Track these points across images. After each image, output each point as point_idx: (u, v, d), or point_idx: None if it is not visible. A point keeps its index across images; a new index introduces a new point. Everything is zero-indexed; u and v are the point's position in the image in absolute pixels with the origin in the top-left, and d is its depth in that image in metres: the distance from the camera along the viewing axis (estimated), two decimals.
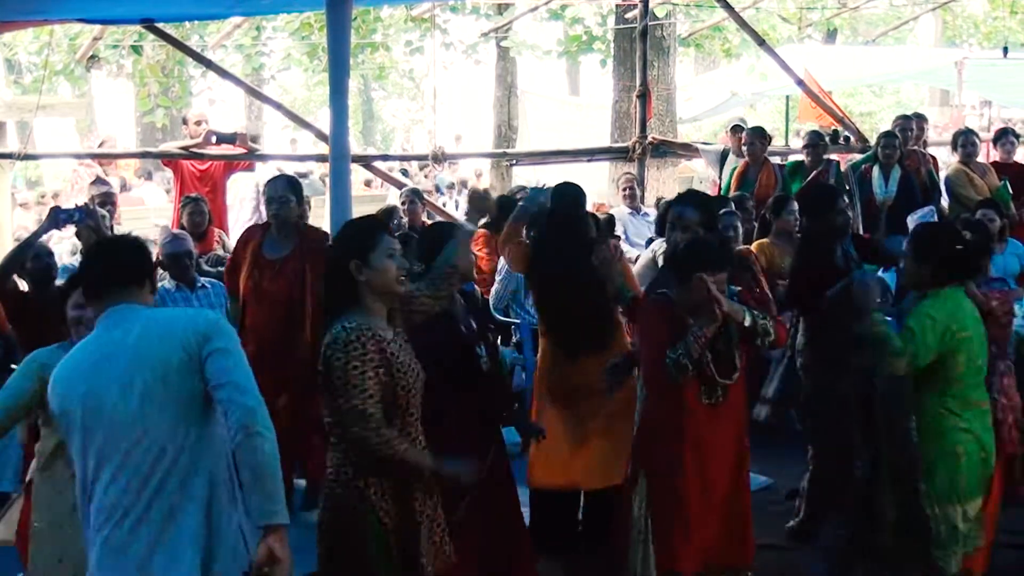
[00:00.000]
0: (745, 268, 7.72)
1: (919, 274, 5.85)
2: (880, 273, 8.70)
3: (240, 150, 13.12)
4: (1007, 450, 6.31)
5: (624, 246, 12.01)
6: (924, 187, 11.68)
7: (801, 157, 12.26)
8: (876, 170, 11.56)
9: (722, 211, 9.08)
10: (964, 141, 12.01)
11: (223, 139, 13.02)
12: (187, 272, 8.91)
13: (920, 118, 12.93)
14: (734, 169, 12.02)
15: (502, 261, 9.05)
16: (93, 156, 23.07)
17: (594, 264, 6.65)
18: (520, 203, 7.06)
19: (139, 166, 22.57)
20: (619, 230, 12.09)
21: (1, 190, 11.88)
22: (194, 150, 12.73)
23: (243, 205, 13.73)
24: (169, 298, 8.79)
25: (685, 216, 6.39)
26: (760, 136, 12.08)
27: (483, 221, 10.31)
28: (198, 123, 12.96)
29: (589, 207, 8.49)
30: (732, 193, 11.41)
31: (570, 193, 7.14)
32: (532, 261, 6.96)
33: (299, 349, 7.49)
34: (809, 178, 11.49)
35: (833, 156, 12.50)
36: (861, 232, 10.36)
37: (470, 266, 5.60)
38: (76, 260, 9.63)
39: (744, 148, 12.01)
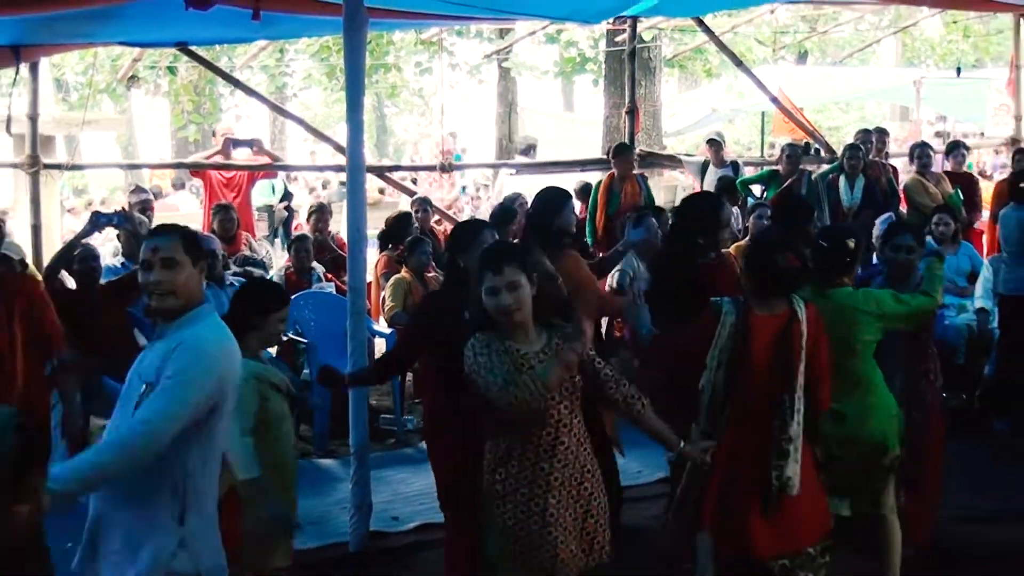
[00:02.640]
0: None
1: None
2: None
3: (263, 158, 13.21)
4: None
5: None
6: (885, 194, 11.70)
7: (776, 167, 12.33)
8: (842, 179, 11.61)
9: None
10: (920, 153, 12.05)
11: (240, 144, 13.10)
12: (213, 270, 8.93)
13: (882, 132, 12.95)
14: (599, 184, 11.94)
15: None
16: (131, 166, 23.17)
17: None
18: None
19: (174, 176, 22.59)
20: None
21: (51, 197, 11.89)
22: (223, 161, 12.82)
23: None
24: None
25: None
26: (627, 152, 12.07)
27: None
28: (224, 137, 13.05)
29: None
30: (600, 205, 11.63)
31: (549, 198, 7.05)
32: None
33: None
34: (784, 186, 11.54)
35: (807, 167, 12.54)
36: None
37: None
38: (118, 261, 9.65)
39: (613, 161, 11.92)
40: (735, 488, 5.04)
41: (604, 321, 8.07)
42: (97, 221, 7.92)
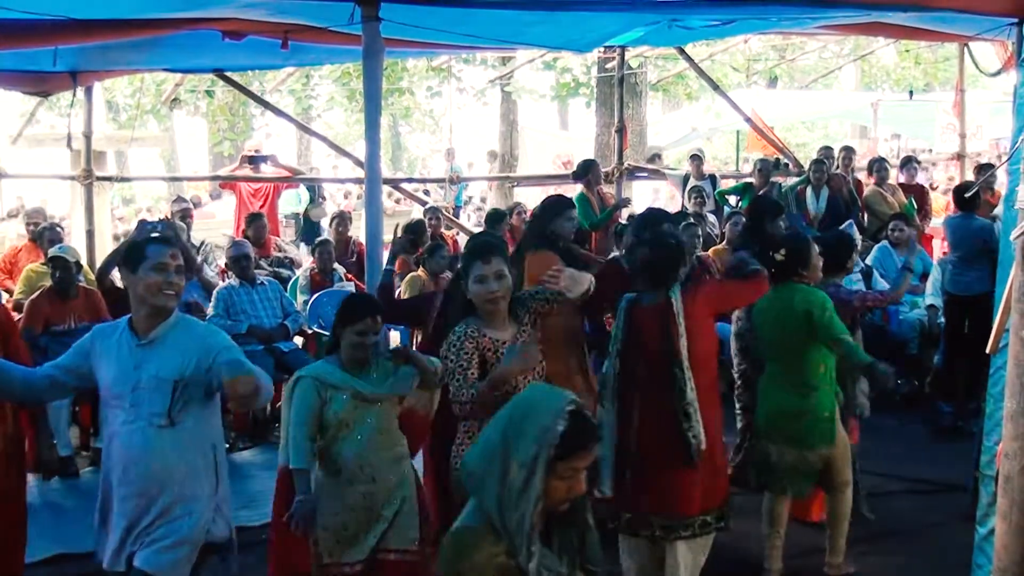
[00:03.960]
0: (706, 268, 7.81)
1: None
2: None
3: (281, 171, 13.29)
4: None
5: None
6: (846, 203, 11.73)
7: (750, 180, 12.37)
8: (809, 190, 11.63)
9: (684, 224, 9.15)
10: (878, 167, 12.09)
11: (256, 160, 13.16)
12: (247, 271, 8.99)
13: (849, 150, 12.99)
14: (581, 196, 11.69)
15: None
16: (173, 179, 23.24)
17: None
18: None
19: (211, 187, 22.68)
20: None
21: (103, 206, 11.94)
22: (254, 174, 12.92)
23: None
24: (235, 292, 8.88)
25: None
26: (597, 168, 11.94)
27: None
28: (242, 155, 13.16)
29: None
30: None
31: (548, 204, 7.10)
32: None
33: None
34: (758, 196, 11.57)
35: (777, 179, 12.57)
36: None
37: None
38: None
39: (589, 178, 11.68)
40: (652, 455, 5.04)
41: None
42: (143, 228, 7.97)
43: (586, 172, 11.51)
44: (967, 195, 9.03)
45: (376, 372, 4.77)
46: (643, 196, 20.07)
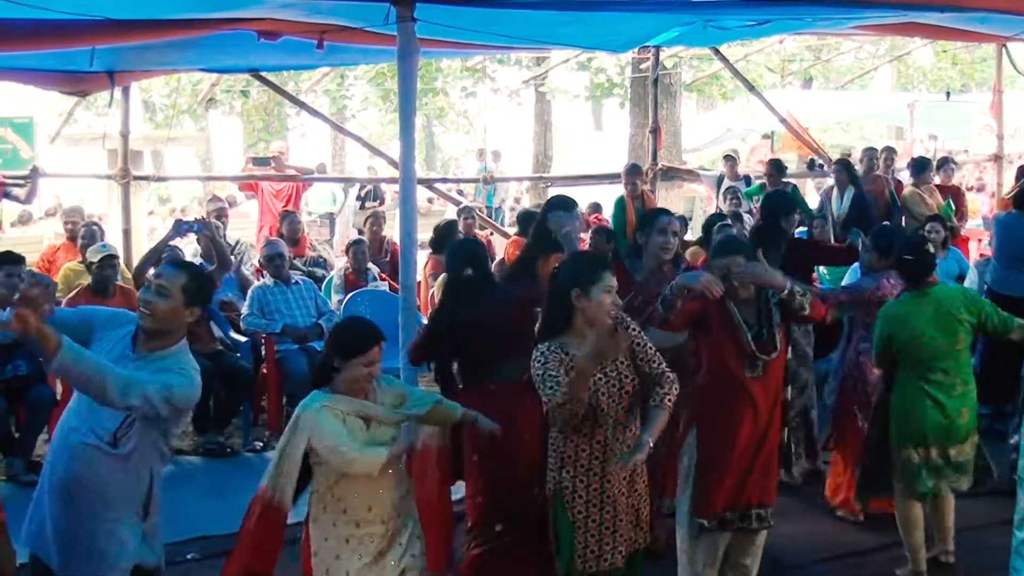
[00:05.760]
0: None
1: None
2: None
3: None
4: None
5: None
6: (885, 205, 11.64)
7: (763, 181, 12.35)
8: (835, 191, 11.56)
9: (719, 223, 9.11)
10: (923, 167, 12.01)
11: (259, 162, 13.26)
12: (281, 270, 9.00)
13: (890, 151, 12.88)
14: (622, 200, 11.70)
15: None
16: (208, 178, 23.39)
17: None
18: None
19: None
20: None
21: (139, 205, 12.03)
22: (278, 173, 13.05)
23: None
24: (269, 292, 8.89)
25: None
26: (637, 174, 11.89)
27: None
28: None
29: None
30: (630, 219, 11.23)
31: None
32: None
33: None
34: (768, 194, 11.48)
35: (792, 181, 12.52)
36: (833, 241, 10.32)
37: None
38: (197, 262, 9.74)
39: (628, 188, 11.66)
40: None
41: None
42: (179, 227, 8.02)
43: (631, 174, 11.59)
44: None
45: (384, 400, 4.44)
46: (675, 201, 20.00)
